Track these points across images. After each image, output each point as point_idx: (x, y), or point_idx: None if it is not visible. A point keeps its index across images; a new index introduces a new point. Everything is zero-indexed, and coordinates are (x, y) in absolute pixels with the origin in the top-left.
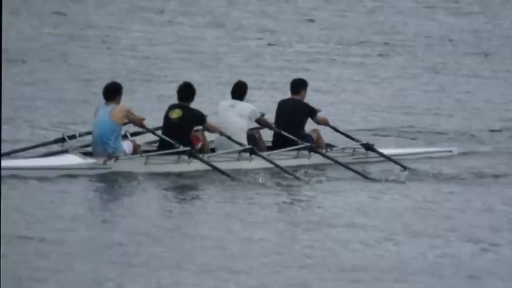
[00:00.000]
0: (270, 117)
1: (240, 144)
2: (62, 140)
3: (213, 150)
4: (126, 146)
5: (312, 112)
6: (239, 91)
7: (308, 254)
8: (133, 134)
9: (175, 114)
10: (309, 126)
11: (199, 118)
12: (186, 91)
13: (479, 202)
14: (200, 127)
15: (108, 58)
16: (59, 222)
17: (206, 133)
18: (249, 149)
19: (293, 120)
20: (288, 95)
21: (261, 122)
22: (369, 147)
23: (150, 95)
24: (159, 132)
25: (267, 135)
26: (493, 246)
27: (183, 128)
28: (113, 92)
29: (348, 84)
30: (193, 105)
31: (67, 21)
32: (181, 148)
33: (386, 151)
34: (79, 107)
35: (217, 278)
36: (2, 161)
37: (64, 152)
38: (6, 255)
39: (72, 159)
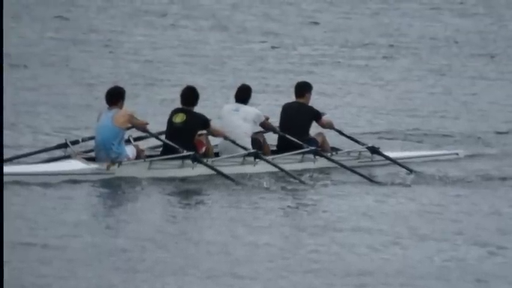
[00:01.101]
0: (274, 121)
1: (245, 148)
2: (64, 145)
3: (217, 154)
4: (130, 150)
5: (316, 115)
6: (243, 95)
7: (314, 258)
8: (137, 139)
9: (179, 118)
10: (314, 129)
11: (203, 122)
12: (190, 95)
13: (486, 205)
14: (204, 131)
15: (110, 62)
16: (62, 228)
17: (210, 137)
18: (254, 153)
19: (298, 123)
20: (292, 98)
21: (265, 126)
22: (374, 150)
23: (153, 99)
24: (163, 136)
25: (271, 139)
26: (501, 250)
27: (187, 133)
28: (115, 97)
29: (352, 87)
30: (197, 109)
31: (69, 25)
32: (185, 153)
33: (392, 154)
34: (81, 111)
35: (222, 284)
36: (4, 167)
37: (67, 157)
38: (9, 262)
39: (75, 165)
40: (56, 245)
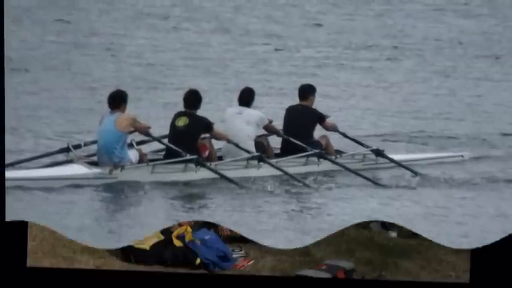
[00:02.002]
0: (278, 124)
1: (248, 151)
2: (66, 149)
3: (220, 158)
4: (132, 154)
5: (320, 118)
6: (246, 98)
7: None
8: (139, 143)
9: (182, 122)
10: (318, 132)
11: (206, 125)
12: (192, 98)
13: (492, 207)
14: (207, 135)
15: (112, 66)
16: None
17: (213, 141)
18: (257, 156)
19: (301, 126)
20: (296, 101)
21: (269, 129)
22: (379, 153)
23: (156, 103)
24: (166, 140)
25: (275, 142)
26: None
27: (190, 136)
28: (117, 100)
29: (356, 89)
30: (200, 112)
31: (70, 28)
32: (188, 156)
33: (396, 157)
34: (83, 115)
35: None
36: (6, 172)
37: (69, 161)
38: None
39: (77, 169)
40: None
